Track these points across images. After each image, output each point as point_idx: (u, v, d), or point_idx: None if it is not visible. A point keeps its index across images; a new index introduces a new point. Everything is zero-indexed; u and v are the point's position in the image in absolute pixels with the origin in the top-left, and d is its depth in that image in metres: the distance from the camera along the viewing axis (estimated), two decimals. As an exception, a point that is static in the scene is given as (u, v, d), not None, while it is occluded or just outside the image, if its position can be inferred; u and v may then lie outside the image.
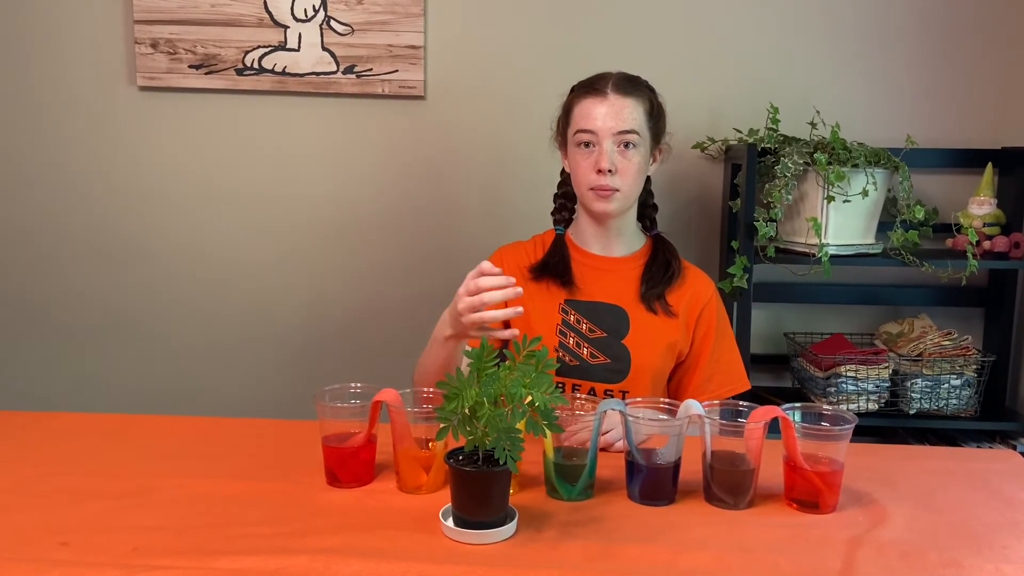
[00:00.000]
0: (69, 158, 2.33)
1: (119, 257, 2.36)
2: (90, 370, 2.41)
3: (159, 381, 2.40)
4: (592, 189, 1.58)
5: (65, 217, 2.35)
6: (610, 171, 1.56)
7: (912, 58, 2.21)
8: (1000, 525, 1.16)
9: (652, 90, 1.65)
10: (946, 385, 2.08)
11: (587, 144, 1.58)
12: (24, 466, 1.31)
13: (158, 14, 2.23)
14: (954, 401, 2.09)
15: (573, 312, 1.63)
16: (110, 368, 2.41)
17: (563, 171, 1.74)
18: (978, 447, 2.11)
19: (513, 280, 1.30)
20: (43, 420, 1.52)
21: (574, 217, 1.73)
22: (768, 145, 2.04)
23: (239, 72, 2.25)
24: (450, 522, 1.10)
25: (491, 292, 1.29)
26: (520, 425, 1.08)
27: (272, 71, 2.24)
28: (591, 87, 1.60)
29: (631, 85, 1.60)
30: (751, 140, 2.08)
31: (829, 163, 1.94)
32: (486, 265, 1.32)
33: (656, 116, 1.63)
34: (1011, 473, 1.35)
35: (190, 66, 2.25)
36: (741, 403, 1.26)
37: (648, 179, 1.71)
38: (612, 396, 1.57)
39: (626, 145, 1.57)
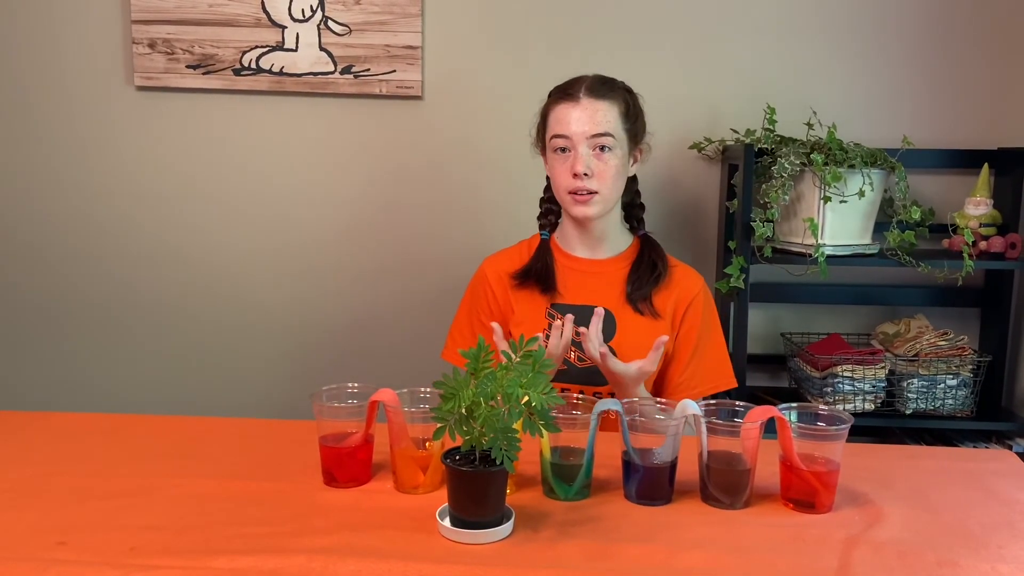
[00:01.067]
0: (66, 158, 2.33)
1: (115, 257, 2.36)
2: (85, 370, 2.41)
3: (156, 381, 2.40)
4: (570, 193, 1.60)
5: (62, 217, 2.35)
6: (586, 175, 1.57)
7: (909, 59, 2.21)
8: (996, 525, 1.17)
9: (628, 91, 1.65)
10: (942, 385, 2.08)
11: (563, 149, 1.60)
12: (22, 466, 1.31)
13: (155, 14, 2.22)
14: (950, 401, 2.09)
15: (559, 316, 1.63)
16: (106, 368, 2.40)
17: (548, 176, 1.75)
18: (974, 447, 2.11)
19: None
20: (40, 420, 1.52)
21: (559, 221, 1.74)
22: (765, 146, 2.05)
23: (236, 72, 2.25)
24: (447, 522, 1.10)
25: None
26: (517, 425, 1.08)
27: (269, 71, 2.24)
28: (564, 92, 1.61)
29: (605, 88, 1.61)
30: (748, 140, 2.08)
31: (826, 164, 1.95)
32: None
33: (632, 117, 1.63)
34: (1007, 473, 1.36)
35: (187, 66, 2.25)
36: (738, 403, 1.26)
37: (635, 179, 1.72)
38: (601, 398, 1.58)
39: (601, 148, 1.58)
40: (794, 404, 1.25)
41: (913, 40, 2.21)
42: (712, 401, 1.28)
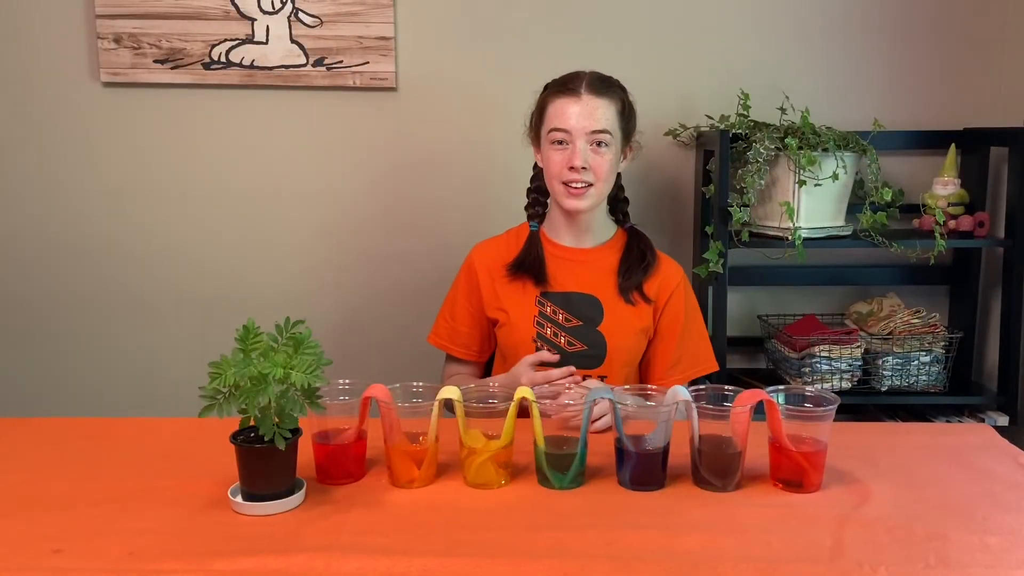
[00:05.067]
0: (33, 156, 2.27)
1: (87, 255, 2.31)
2: (63, 371, 2.36)
3: (138, 380, 2.36)
4: (564, 184, 1.64)
5: (30, 216, 2.30)
6: (583, 168, 1.62)
7: (877, 43, 2.25)
8: (979, 497, 1.20)
9: (624, 90, 1.70)
10: (916, 362, 2.13)
11: (561, 142, 1.64)
12: (12, 472, 1.29)
13: (120, 8, 2.18)
14: (924, 377, 2.14)
15: (549, 304, 1.69)
16: (84, 368, 2.36)
17: (535, 165, 1.78)
18: (947, 421, 2.17)
19: (572, 369, 1.53)
20: (30, 425, 1.49)
21: (547, 211, 1.78)
22: (739, 131, 2.06)
23: (206, 66, 2.21)
24: (239, 498, 1.16)
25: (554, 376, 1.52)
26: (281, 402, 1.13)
27: (240, 65, 2.21)
28: (565, 87, 1.65)
29: (604, 85, 1.66)
30: (722, 126, 2.10)
31: (800, 148, 1.97)
32: (545, 355, 1.58)
33: (627, 116, 1.69)
34: (985, 446, 1.40)
35: (155, 61, 2.21)
36: (727, 387, 1.28)
37: (619, 175, 1.76)
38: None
39: (599, 144, 1.63)
40: (781, 387, 1.28)
41: (881, 24, 2.24)
42: (702, 386, 1.30)
